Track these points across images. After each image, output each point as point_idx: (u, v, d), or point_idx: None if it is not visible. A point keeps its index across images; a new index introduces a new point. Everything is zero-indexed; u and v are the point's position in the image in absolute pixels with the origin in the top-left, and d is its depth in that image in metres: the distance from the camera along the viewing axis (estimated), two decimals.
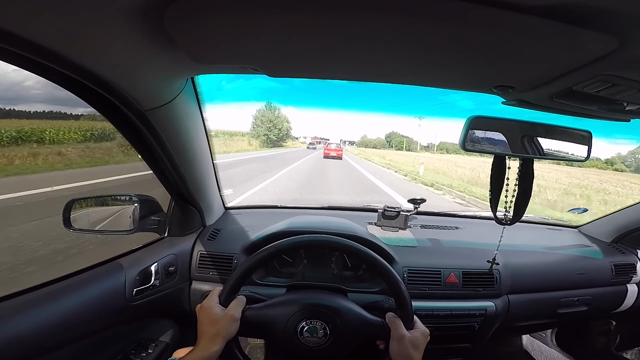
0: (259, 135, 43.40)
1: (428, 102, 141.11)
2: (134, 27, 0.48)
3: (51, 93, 14.87)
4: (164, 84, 0.70)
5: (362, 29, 0.47)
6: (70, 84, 0.57)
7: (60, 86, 0.55)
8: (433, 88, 0.71)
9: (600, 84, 0.55)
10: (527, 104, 0.71)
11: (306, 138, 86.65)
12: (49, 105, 30.06)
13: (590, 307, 1.29)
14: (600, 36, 0.44)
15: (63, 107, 12.73)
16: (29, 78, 16.52)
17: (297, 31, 0.49)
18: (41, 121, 10.61)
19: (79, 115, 11.85)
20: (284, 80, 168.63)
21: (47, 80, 0.53)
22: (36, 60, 0.47)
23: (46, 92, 15.94)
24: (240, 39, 0.51)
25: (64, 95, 9.26)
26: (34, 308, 0.68)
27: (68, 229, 0.92)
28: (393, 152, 54.16)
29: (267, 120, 44.30)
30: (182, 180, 0.96)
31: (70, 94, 0.58)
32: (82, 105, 5.09)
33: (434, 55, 0.55)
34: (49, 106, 15.73)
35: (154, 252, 1.00)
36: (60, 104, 13.71)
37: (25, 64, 0.49)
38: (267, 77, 0.68)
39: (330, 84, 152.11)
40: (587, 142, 0.79)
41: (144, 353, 0.97)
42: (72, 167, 8.07)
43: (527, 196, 0.88)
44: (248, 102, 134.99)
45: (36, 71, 0.51)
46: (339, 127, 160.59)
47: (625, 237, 1.40)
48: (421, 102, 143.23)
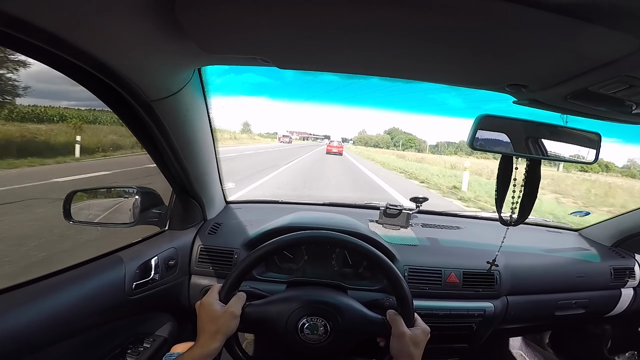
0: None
1: (419, 99, 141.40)
2: (145, 15, 0.48)
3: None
4: (172, 75, 0.69)
5: (374, 22, 0.46)
6: (77, 74, 0.56)
7: (67, 76, 0.54)
8: (431, 85, 0.70)
9: (618, 85, 0.54)
10: (539, 103, 0.70)
11: (295, 133, 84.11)
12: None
13: (588, 310, 1.30)
14: (621, 36, 0.43)
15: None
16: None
17: (308, 22, 0.48)
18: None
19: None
20: (275, 75, 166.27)
21: (55, 70, 0.52)
22: (44, 48, 0.46)
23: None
24: (252, 29, 0.51)
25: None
26: (33, 301, 0.67)
27: (68, 221, 0.91)
28: (403, 153, 44.10)
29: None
30: (185, 173, 0.95)
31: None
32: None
33: (449, 51, 0.54)
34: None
35: (154, 246, 0.99)
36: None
37: (33, 52, 0.48)
38: (258, 71, 0.67)
39: (321, 78, 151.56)
40: (596, 145, 0.79)
41: (142, 347, 0.97)
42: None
43: (533, 198, 0.87)
44: (237, 97, 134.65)
45: (44, 60, 0.50)
46: (332, 123, 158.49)
47: (626, 242, 1.41)
48: (413, 99, 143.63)
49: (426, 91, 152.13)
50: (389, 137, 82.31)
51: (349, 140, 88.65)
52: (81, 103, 14.07)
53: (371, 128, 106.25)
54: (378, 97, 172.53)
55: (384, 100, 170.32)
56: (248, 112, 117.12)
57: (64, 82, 12.92)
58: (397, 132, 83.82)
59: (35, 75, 12.42)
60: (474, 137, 0.74)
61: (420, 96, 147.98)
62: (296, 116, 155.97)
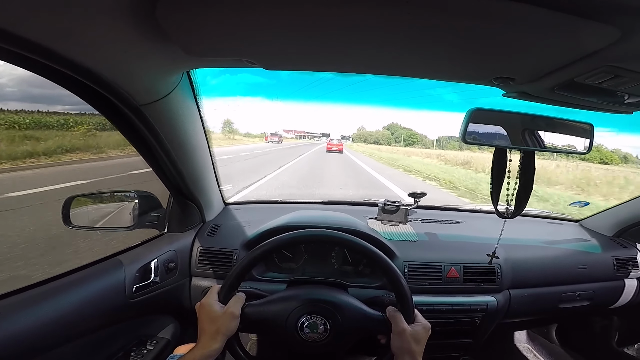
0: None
1: (417, 95, 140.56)
2: (127, 21, 0.48)
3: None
4: (159, 79, 0.69)
5: (359, 20, 0.46)
6: (64, 80, 0.57)
7: (54, 83, 0.55)
8: (428, 81, 0.70)
9: (603, 75, 0.55)
10: (528, 96, 0.70)
11: (291, 132, 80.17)
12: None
13: (592, 302, 1.28)
14: (602, 27, 0.43)
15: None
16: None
17: (293, 23, 0.48)
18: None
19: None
20: (271, 75, 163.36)
21: (42, 77, 0.53)
22: (29, 57, 0.47)
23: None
24: (235, 31, 0.51)
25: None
26: (34, 305, 0.68)
27: (67, 225, 0.92)
28: (408, 150, 40.36)
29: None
30: (181, 176, 0.96)
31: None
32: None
33: (434, 47, 0.54)
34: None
35: (153, 249, 1.00)
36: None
37: (18, 60, 0.48)
38: (254, 71, 0.67)
39: (318, 77, 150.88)
40: (589, 135, 0.79)
41: (145, 350, 0.98)
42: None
43: (529, 190, 0.87)
44: (234, 97, 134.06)
45: (30, 68, 0.50)
46: (329, 121, 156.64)
47: (627, 231, 1.39)
48: (410, 96, 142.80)
49: (423, 87, 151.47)
50: (389, 133, 78.29)
51: (348, 138, 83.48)
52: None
53: (369, 124, 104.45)
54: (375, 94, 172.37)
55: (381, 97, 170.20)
56: (243, 113, 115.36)
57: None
58: (397, 127, 79.12)
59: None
60: (466, 131, 0.74)
61: (418, 92, 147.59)
62: (293, 116, 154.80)
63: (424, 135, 71.80)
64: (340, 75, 0.71)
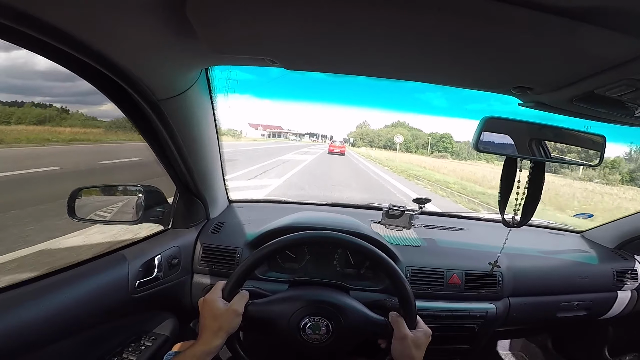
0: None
1: (404, 98, 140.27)
2: (156, 15, 0.48)
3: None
4: (180, 74, 0.69)
5: (383, 24, 0.46)
6: (85, 71, 0.56)
7: (74, 73, 0.54)
8: (417, 84, 0.69)
9: (624, 87, 0.54)
10: (544, 106, 0.70)
11: (260, 127, 69.92)
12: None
13: (589, 312, 1.29)
14: (627, 39, 0.43)
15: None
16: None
17: (318, 23, 0.48)
18: None
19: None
20: (260, 73, 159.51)
21: (63, 67, 0.52)
22: (54, 45, 0.47)
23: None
24: (262, 29, 0.51)
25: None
26: (35, 299, 0.67)
27: (72, 218, 0.91)
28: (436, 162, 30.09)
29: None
30: (190, 172, 0.95)
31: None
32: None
33: (457, 54, 0.54)
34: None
35: (157, 244, 0.99)
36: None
37: (42, 49, 0.48)
38: (247, 70, 0.67)
39: (311, 77, 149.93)
40: (600, 147, 0.79)
41: (144, 346, 0.97)
42: None
43: (536, 200, 0.87)
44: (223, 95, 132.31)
45: (53, 57, 0.50)
46: (326, 122, 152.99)
47: (629, 244, 1.40)
48: (398, 98, 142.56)
49: (412, 91, 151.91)
50: (406, 131, 63.14)
51: (348, 140, 72.40)
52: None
53: (373, 122, 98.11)
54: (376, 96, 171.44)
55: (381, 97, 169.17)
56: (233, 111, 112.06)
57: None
58: (404, 127, 68.15)
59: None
60: (479, 139, 0.74)
61: (408, 95, 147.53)
62: (285, 115, 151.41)
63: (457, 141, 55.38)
64: (332, 76, 0.71)
